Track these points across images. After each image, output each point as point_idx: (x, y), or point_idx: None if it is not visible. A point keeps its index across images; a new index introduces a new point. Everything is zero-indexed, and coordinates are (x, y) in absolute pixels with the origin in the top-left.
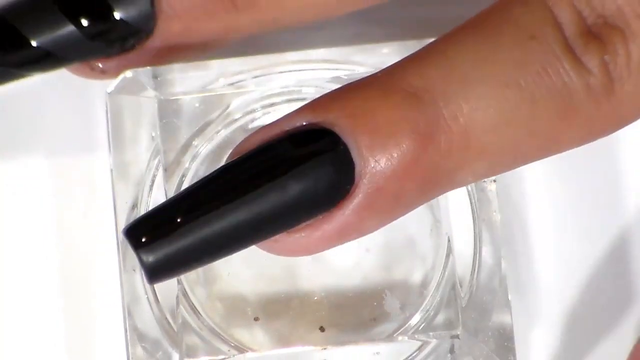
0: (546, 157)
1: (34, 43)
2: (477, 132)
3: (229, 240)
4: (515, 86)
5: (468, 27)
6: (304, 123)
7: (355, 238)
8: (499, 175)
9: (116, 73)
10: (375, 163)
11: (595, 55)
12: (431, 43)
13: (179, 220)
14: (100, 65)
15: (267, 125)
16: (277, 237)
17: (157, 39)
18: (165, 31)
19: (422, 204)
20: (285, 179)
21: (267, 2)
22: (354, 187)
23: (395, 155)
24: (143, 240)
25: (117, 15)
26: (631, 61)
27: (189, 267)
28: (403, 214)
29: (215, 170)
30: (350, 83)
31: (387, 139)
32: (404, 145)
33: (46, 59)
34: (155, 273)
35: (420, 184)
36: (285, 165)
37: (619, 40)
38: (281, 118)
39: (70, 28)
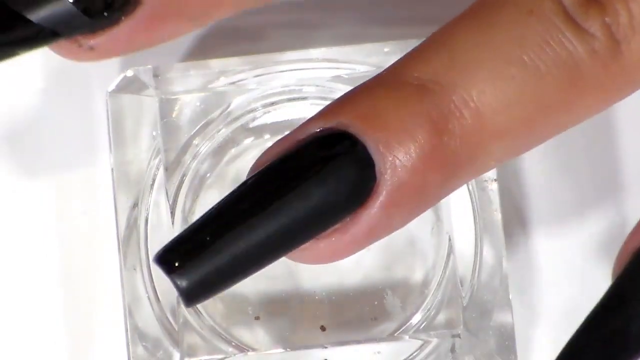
0: (565, 129)
1: (26, 19)
2: (488, 113)
3: (259, 254)
4: (520, 63)
5: (465, 15)
6: (318, 130)
7: (384, 236)
8: (500, 175)
9: (105, 52)
10: (393, 158)
11: (596, 19)
12: (431, 35)
13: (207, 239)
14: (89, 42)
15: (282, 137)
16: (306, 245)
17: (145, 9)
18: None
19: (448, 194)
20: (307, 185)
21: None
22: (376, 185)
23: (412, 148)
24: (175, 265)
25: None
26: (634, 19)
27: (223, 286)
28: (430, 206)
29: (237, 187)
30: (357, 86)
31: (402, 134)
32: (419, 138)
33: (37, 35)
34: (191, 296)
35: (442, 174)
36: (306, 172)
37: (619, 0)
38: (295, 129)
39: (61, 1)
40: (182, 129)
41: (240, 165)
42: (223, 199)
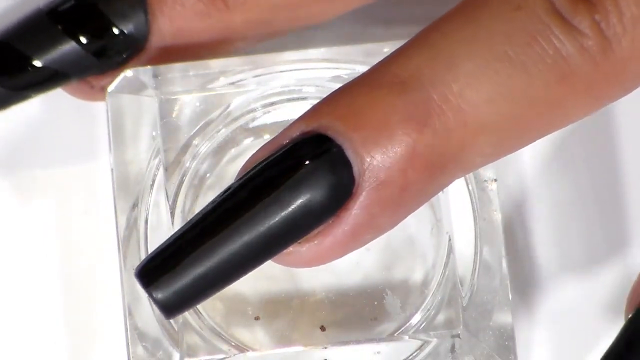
0: (557, 128)
1: (38, 63)
2: (471, 108)
3: (239, 262)
4: (505, 58)
5: (451, 12)
6: (300, 133)
7: (372, 238)
8: (499, 174)
9: None
10: (371, 158)
11: (585, 16)
12: (417, 33)
13: (184, 251)
14: (101, 83)
15: (265, 143)
16: (289, 249)
17: (151, 46)
18: (159, 37)
19: (435, 192)
20: (282, 190)
21: (258, 1)
22: (356, 185)
23: (391, 146)
24: (152, 277)
25: (115, 28)
26: (624, 17)
27: (204, 295)
28: (417, 205)
29: (216, 196)
30: (340, 87)
31: (379, 132)
32: (398, 136)
33: (49, 78)
34: (170, 308)
35: (424, 171)
36: (282, 177)
37: None
38: (279, 133)
39: (72, 45)
40: (181, 129)
41: (240, 166)
42: (202, 209)
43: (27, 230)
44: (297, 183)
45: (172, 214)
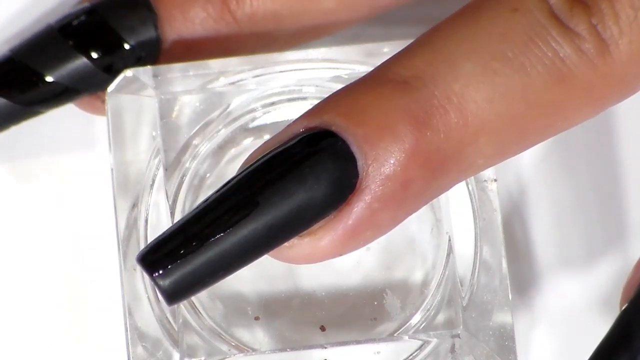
0: (558, 130)
1: (49, 79)
2: (472, 108)
3: (241, 252)
4: (503, 58)
5: (452, 15)
6: (302, 129)
7: (372, 237)
8: (499, 174)
9: None
10: (375, 154)
11: (582, 19)
12: (418, 37)
13: (189, 240)
14: None
15: (269, 138)
16: (289, 242)
17: (160, 59)
18: (169, 51)
19: (435, 194)
20: (287, 182)
21: (265, 15)
22: (359, 181)
23: (394, 143)
24: (157, 265)
25: (126, 44)
26: (620, 20)
27: (205, 285)
28: (417, 205)
29: (220, 186)
30: (342, 87)
31: (383, 129)
32: (400, 133)
33: (60, 93)
34: (173, 295)
35: (426, 170)
36: (287, 170)
37: (604, 0)
38: (282, 130)
39: (82, 61)
40: (181, 129)
41: (239, 166)
42: (207, 199)
43: (26, 230)
44: (301, 175)
45: (172, 214)
